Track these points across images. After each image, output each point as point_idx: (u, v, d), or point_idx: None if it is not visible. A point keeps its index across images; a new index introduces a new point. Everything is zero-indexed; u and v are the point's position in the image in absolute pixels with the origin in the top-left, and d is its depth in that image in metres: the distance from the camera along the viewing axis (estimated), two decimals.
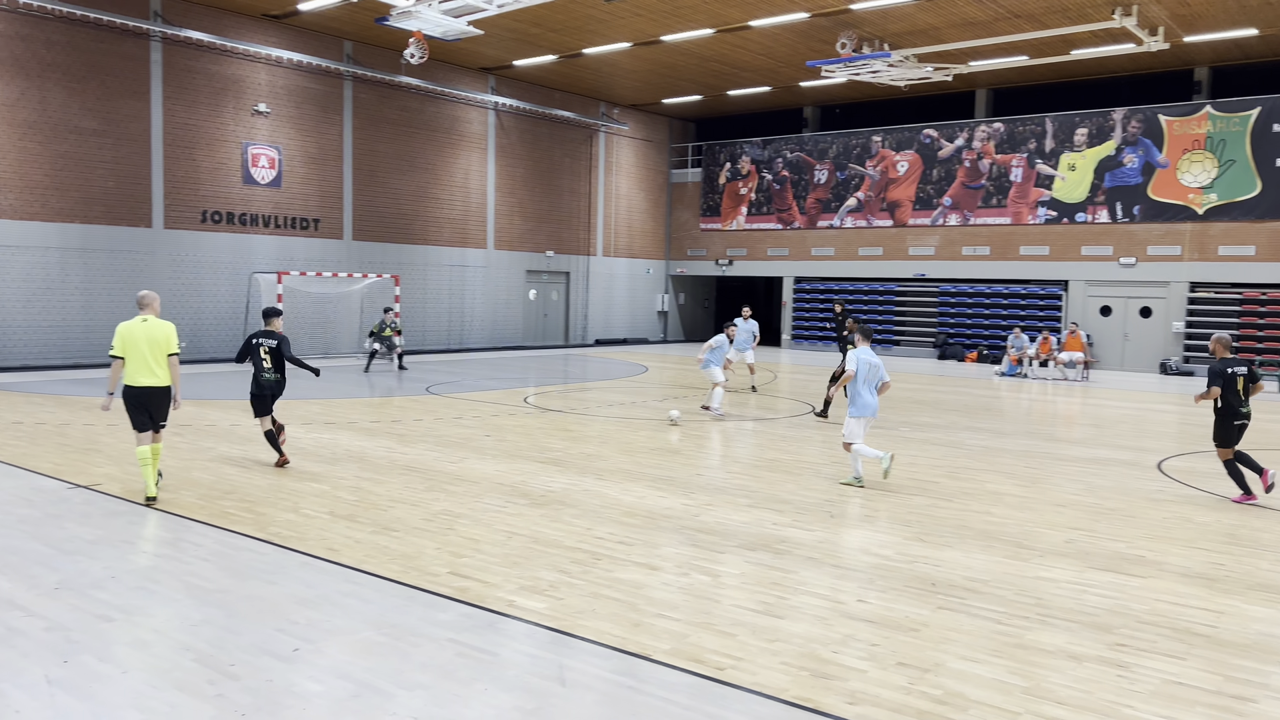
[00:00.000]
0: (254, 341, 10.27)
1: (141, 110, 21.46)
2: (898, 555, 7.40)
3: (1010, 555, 7.49)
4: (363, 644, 5.32)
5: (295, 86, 24.31)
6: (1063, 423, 16.44)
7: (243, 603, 5.97)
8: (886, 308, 31.78)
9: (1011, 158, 28.91)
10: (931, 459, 11.86)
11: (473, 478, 9.95)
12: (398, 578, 6.53)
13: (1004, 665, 5.23)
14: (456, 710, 4.53)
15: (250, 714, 4.45)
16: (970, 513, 8.95)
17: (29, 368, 19.92)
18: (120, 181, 21.24)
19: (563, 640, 5.45)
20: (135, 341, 8.58)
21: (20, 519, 7.90)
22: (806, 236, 33.23)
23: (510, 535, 7.71)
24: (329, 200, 25.28)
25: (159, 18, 21.38)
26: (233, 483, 9.47)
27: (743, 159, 34.64)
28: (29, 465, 10.12)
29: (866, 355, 10.04)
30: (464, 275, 28.99)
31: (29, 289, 20.05)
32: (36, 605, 5.84)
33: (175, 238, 22.25)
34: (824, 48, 24.43)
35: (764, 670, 5.07)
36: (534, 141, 30.80)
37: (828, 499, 9.36)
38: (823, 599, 6.29)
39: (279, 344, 10.29)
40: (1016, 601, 6.33)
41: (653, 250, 36.12)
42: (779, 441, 12.88)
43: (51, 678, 4.79)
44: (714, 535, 7.86)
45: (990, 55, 24.70)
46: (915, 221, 30.83)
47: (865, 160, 31.79)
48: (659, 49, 25.50)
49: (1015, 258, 28.95)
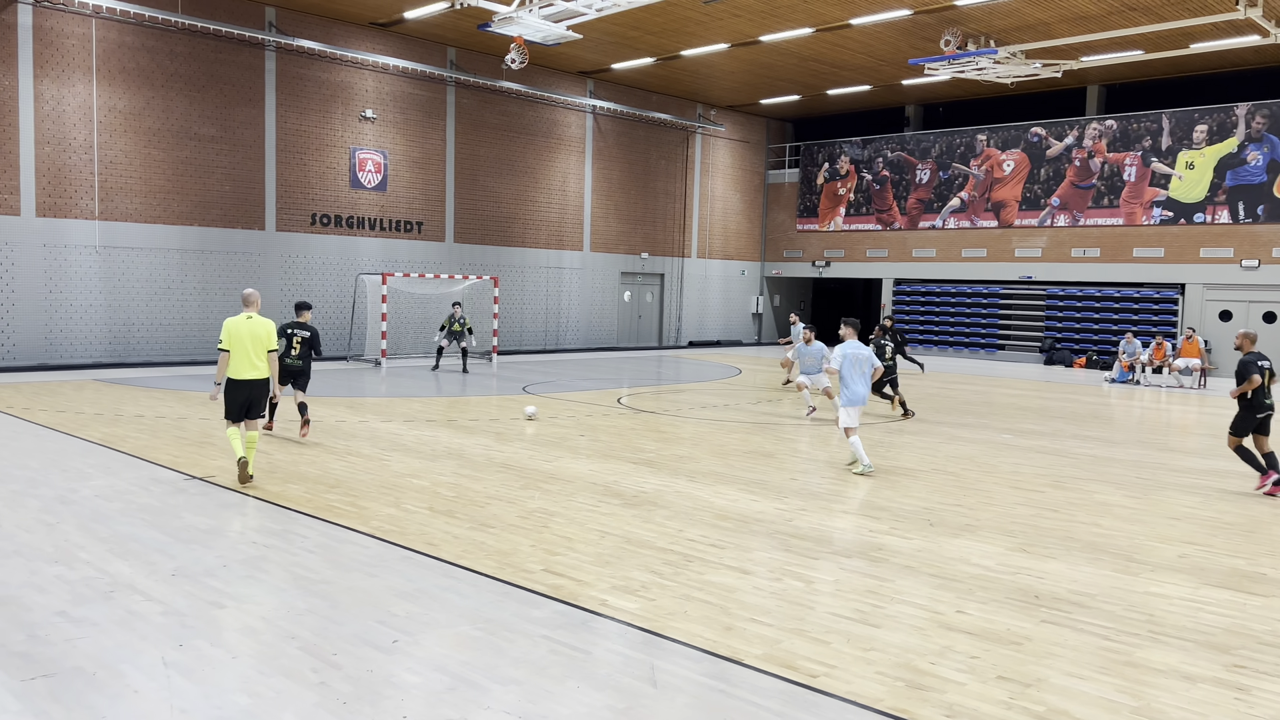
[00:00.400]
0: (289, 331, 11.73)
1: (256, 117, 22.35)
2: (999, 566, 7.19)
3: (1119, 569, 7.20)
4: (459, 638, 5.43)
5: (401, 93, 24.97)
6: (1177, 432, 15.73)
7: (345, 594, 6.15)
8: (990, 311, 30.93)
9: (1125, 156, 27.82)
10: (1036, 467, 11.49)
11: (567, 477, 10.05)
12: (493, 574, 6.64)
13: (1112, 683, 5.03)
14: (549, 707, 4.58)
15: (351, 702, 4.58)
16: (1077, 524, 8.64)
17: (150, 363, 20.96)
18: (236, 186, 22.17)
19: (654, 641, 5.46)
20: (241, 337, 9.15)
21: (141, 508, 8.31)
22: (907, 238, 32.59)
23: (603, 535, 7.76)
24: (432, 203, 25.89)
25: (273, 28, 22.24)
26: (337, 477, 9.77)
27: (841, 159, 34.17)
28: (149, 457, 10.63)
29: (853, 348, 10.66)
30: (560, 277, 29.33)
31: (151, 289, 21.09)
32: (155, 590, 6.13)
33: (286, 240, 23.10)
34: (927, 45, 23.92)
35: (858, 679, 4.99)
36: (630, 144, 30.97)
37: (926, 506, 9.15)
38: (920, 608, 6.15)
39: (312, 335, 11.95)
40: (1126, 617, 6.08)
41: (748, 252, 35.92)
42: (876, 448, 12.66)
43: (167, 660, 5.02)
44: (808, 541, 7.77)
45: (1103, 50, 23.81)
46: (1021, 222, 29.92)
47: (969, 159, 31.01)
48: (757, 49, 25.35)
49: (1128, 260, 27.83)
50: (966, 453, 12.42)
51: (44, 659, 4.98)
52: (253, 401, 9.26)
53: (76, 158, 19.86)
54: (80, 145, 19.88)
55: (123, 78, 20.29)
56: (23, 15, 18.94)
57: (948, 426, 14.86)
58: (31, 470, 9.75)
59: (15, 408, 14.15)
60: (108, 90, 20.12)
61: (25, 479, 9.33)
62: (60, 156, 19.65)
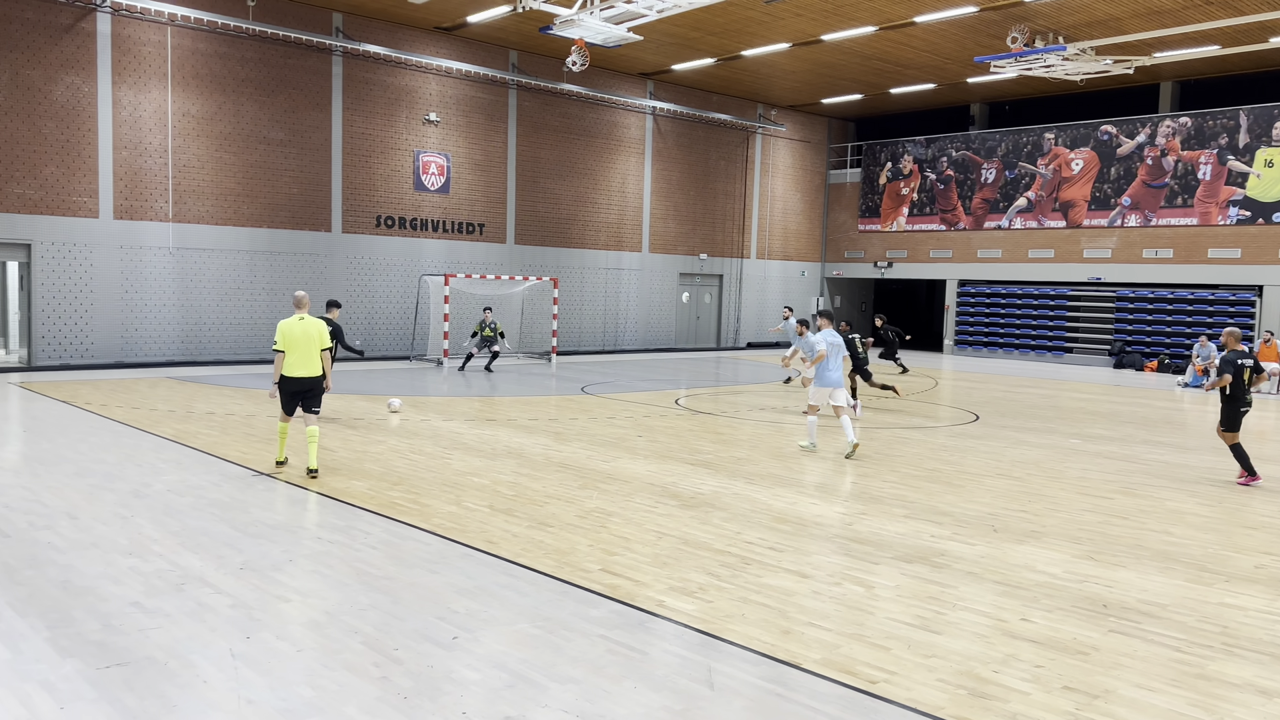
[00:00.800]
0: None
1: (323, 121, 22.81)
2: (1066, 574, 7.03)
3: (1192, 579, 6.99)
4: (518, 635, 5.47)
5: (463, 96, 25.28)
6: (1253, 438, 15.20)
7: (407, 590, 6.24)
8: (1058, 313, 30.27)
9: (1199, 154, 27.02)
10: (1105, 473, 11.21)
11: (624, 477, 10.08)
12: (552, 572, 6.69)
13: (1183, 696, 4.89)
14: (606, 707, 4.59)
15: (411, 697, 4.65)
16: (1147, 531, 8.41)
17: (221, 362, 21.51)
18: (303, 188, 22.65)
19: (711, 643, 5.44)
20: (294, 337, 9.62)
21: (211, 502, 8.53)
22: (972, 238, 32.05)
23: (660, 535, 7.76)
24: (493, 205, 26.16)
25: (340, 33, 22.67)
26: (400, 474, 9.92)
27: (905, 158, 33.73)
28: (219, 453, 10.91)
29: (833, 337, 11.88)
30: (619, 278, 29.42)
31: (222, 289, 21.64)
32: (224, 583, 6.28)
33: (352, 241, 23.53)
34: (993, 42, 23.51)
35: (919, 686, 4.92)
36: (690, 145, 30.94)
37: (990, 512, 8.99)
38: (984, 616, 6.04)
39: (334, 330, 13.47)
40: (1198, 629, 5.91)
41: (808, 252, 35.65)
42: (939, 451, 12.47)
43: (235, 651, 5.14)
44: (868, 545, 7.68)
45: (1177, 45, 23.15)
46: (1090, 222, 29.24)
47: (1036, 158, 30.38)
48: (819, 48, 25.15)
49: (1202, 260, 27.02)
50: (1032, 457, 12.17)
51: (118, 648, 5.14)
52: (305, 397, 9.72)
53: (152, 162, 20.47)
54: (155, 149, 20.49)
55: (196, 83, 20.87)
56: (101, 24, 19.58)
57: (1013, 431, 14.58)
58: (108, 465, 10.07)
59: (93, 404, 14.64)
60: (182, 96, 20.70)
61: (102, 473, 9.64)
62: (136, 161, 20.27)
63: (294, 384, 9.65)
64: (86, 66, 19.48)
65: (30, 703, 4.47)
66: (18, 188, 18.95)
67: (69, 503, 8.38)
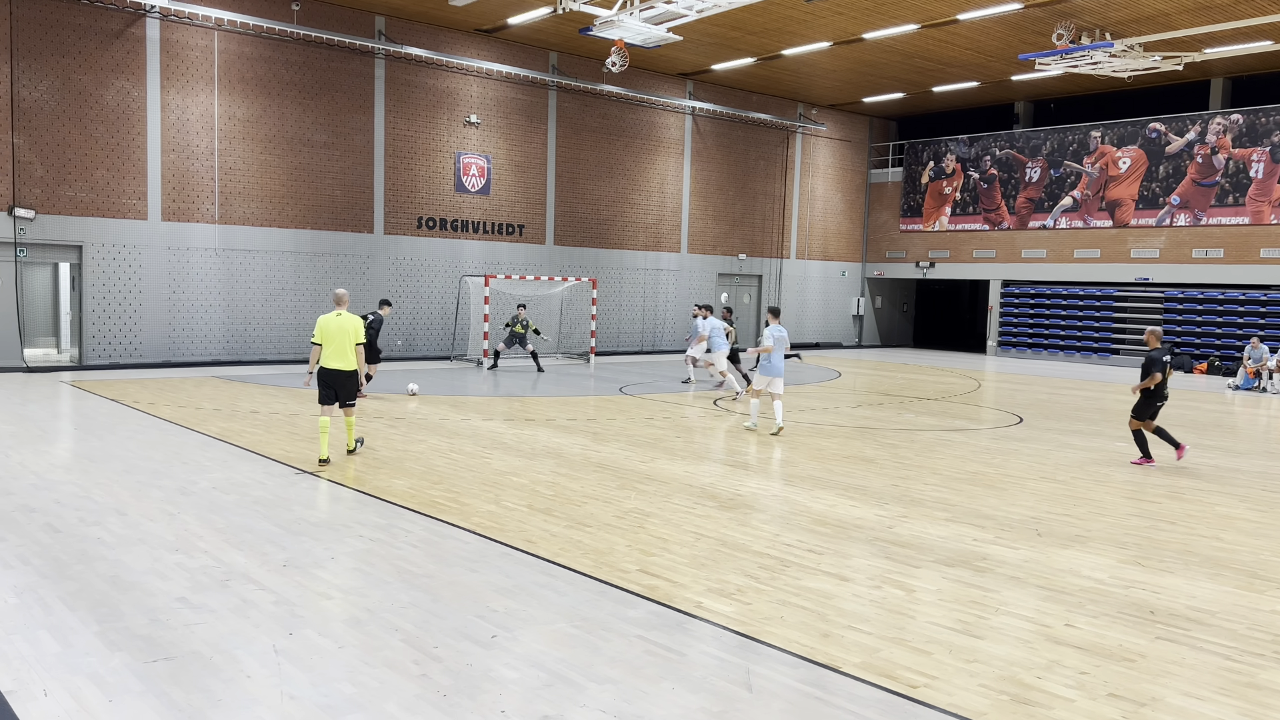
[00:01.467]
0: (366, 317, 15.12)
1: (366, 123, 23.06)
2: (1112, 579, 6.91)
3: (1242, 585, 6.84)
4: (556, 635, 5.49)
5: (504, 97, 25.42)
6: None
7: (446, 588, 6.29)
8: (1104, 314, 29.77)
9: (1252, 152, 26.43)
10: (1153, 478, 11.01)
11: (663, 478, 10.07)
12: (590, 572, 6.70)
13: (1233, 705, 4.78)
14: (644, 708, 4.59)
15: (450, 695, 4.68)
16: (1196, 537, 8.25)
17: (265, 361, 21.82)
18: (346, 190, 22.92)
19: (750, 645, 5.42)
20: (331, 332, 10.23)
21: (255, 500, 8.65)
22: (1016, 238, 31.62)
23: (698, 536, 7.74)
24: (533, 206, 26.28)
25: (383, 36, 22.90)
26: (440, 474, 10.00)
27: (947, 157, 33.37)
28: (263, 451, 11.07)
29: (779, 331, 13.40)
30: (658, 278, 29.41)
31: (266, 289, 21.96)
32: (267, 580, 6.37)
33: (393, 243, 23.76)
34: (1038, 39, 23.18)
35: (960, 691, 4.86)
36: (729, 145, 30.85)
37: (1034, 516, 8.86)
38: (1027, 621, 5.95)
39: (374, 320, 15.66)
40: (1249, 637, 5.78)
41: (848, 252, 35.39)
42: (981, 454, 12.32)
43: (278, 647, 5.21)
44: (909, 549, 7.60)
45: (1229, 41, 22.67)
46: (1138, 222, 28.72)
47: (1082, 157, 29.90)
48: (860, 47, 24.96)
49: (1254, 261, 26.43)
50: (1077, 460, 11.98)
51: (165, 643, 5.23)
52: (339, 388, 10.32)
53: (199, 164, 20.83)
54: (202, 152, 20.84)
55: (241, 87, 21.19)
56: (150, 29, 19.96)
57: (1057, 433, 14.36)
58: (155, 462, 10.26)
59: (141, 403, 14.92)
60: (228, 99, 21.04)
61: (150, 470, 9.82)
62: (184, 163, 20.63)
63: (328, 375, 10.32)
64: (136, 71, 19.86)
65: (80, 695, 4.57)
66: (69, 190, 19.38)
67: (118, 499, 8.55)
